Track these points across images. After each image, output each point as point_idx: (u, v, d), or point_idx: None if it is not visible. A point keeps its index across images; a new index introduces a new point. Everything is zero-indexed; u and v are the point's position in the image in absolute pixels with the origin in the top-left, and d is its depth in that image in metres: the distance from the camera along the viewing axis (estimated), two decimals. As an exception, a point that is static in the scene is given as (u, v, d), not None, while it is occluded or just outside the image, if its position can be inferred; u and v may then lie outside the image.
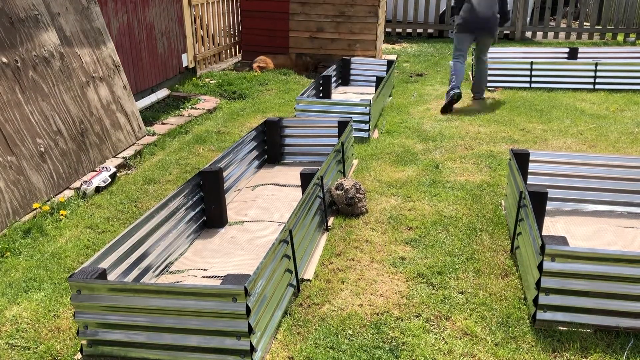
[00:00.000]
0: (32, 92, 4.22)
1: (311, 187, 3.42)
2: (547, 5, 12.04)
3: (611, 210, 3.83)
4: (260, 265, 2.45)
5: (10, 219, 3.73)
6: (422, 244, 3.48)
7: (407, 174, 4.63)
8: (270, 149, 4.93)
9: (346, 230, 3.68)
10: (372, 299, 2.92)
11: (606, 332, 2.62)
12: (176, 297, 2.35)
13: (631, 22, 11.93)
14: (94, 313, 2.45)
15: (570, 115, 6.27)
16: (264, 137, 4.90)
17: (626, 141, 5.36)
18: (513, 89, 7.62)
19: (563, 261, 2.57)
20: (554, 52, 8.90)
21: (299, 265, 3.04)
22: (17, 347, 2.61)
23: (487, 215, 3.87)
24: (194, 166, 4.88)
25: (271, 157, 4.95)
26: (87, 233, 3.71)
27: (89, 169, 4.63)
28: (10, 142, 3.90)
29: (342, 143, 4.32)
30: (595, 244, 3.38)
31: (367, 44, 8.83)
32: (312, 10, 8.83)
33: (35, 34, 4.42)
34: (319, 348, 2.55)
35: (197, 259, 3.33)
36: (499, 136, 5.61)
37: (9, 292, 3.03)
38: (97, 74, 5.14)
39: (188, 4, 7.83)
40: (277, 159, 4.95)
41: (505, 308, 2.83)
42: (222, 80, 8.02)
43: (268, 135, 4.90)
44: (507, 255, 3.34)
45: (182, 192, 3.47)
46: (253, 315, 2.36)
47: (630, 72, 7.46)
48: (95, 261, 2.61)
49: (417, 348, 2.55)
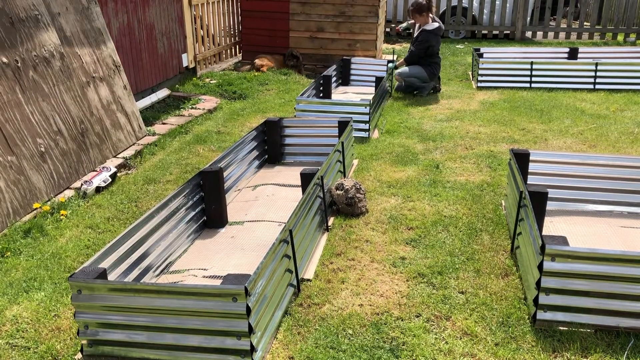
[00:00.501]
0: (32, 92, 4.22)
1: (311, 187, 3.42)
2: (547, 5, 12.04)
3: (611, 210, 3.83)
4: (260, 265, 2.45)
5: (11, 219, 3.74)
6: (423, 244, 3.48)
7: (407, 174, 4.63)
8: (271, 149, 4.93)
9: (346, 230, 3.68)
10: (373, 299, 2.92)
11: (606, 332, 2.62)
12: (177, 297, 2.35)
13: (631, 22, 11.92)
14: (94, 313, 2.45)
15: (571, 115, 6.27)
16: (264, 137, 4.90)
17: (626, 141, 5.36)
18: (513, 89, 7.62)
19: (563, 261, 2.57)
20: (554, 52, 8.91)
21: (299, 265, 3.04)
22: (18, 347, 2.61)
23: (488, 215, 3.87)
24: (194, 166, 4.88)
25: (271, 157, 4.95)
26: (88, 233, 3.71)
27: (89, 169, 4.63)
28: (11, 142, 3.90)
29: (342, 143, 4.32)
30: (595, 244, 3.38)
31: (367, 44, 8.82)
32: (313, 10, 8.83)
33: (35, 34, 4.42)
34: (319, 348, 2.55)
35: (198, 258, 3.33)
36: (499, 136, 5.61)
37: (10, 292, 3.04)
38: (97, 74, 5.14)
39: (188, 4, 7.83)
40: (278, 159, 4.95)
41: (506, 308, 2.83)
42: (223, 80, 8.02)
43: (268, 135, 4.90)
44: (507, 255, 3.34)
45: (183, 192, 3.47)
46: (253, 315, 2.36)
47: (631, 72, 7.46)
48: (95, 261, 2.61)
49: (417, 348, 2.55)
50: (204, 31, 8.64)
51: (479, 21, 12.31)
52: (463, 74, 8.81)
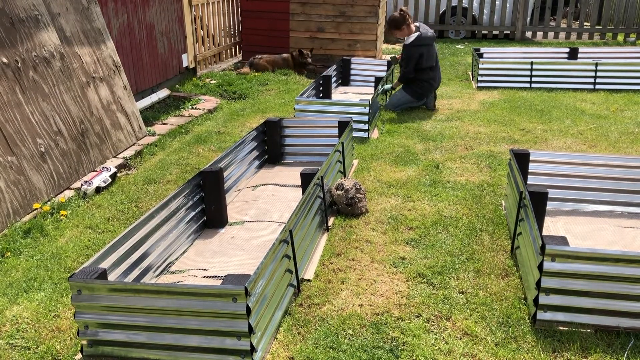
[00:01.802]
0: (32, 92, 4.22)
1: (311, 187, 3.42)
2: (547, 5, 12.04)
3: (611, 210, 3.83)
4: (260, 266, 2.45)
5: (11, 219, 3.73)
6: (423, 244, 3.48)
7: (407, 174, 4.63)
8: (271, 149, 4.93)
9: (346, 230, 3.68)
10: (373, 299, 2.92)
11: (606, 332, 2.61)
12: (177, 297, 2.35)
13: (631, 22, 11.92)
14: (94, 313, 2.45)
15: (571, 115, 6.27)
16: (264, 137, 4.90)
17: (626, 141, 5.36)
18: (513, 89, 7.62)
19: (563, 261, 2.57)
20: (554, 52, 8.91)
21: (300, 265, 3.04)
22: (18, 347, 2.61)
23: (488, 215, 3.87)
24: (194, 166, 4.88)
25: (271, 157, 4.95)
26: (88, 233, 3.71)
27: (89, 169, 4.63)
28: (11, 142, 3.90)
29: (342, 143, 4.32)
30: (595, 244, 3.38)
31: (368, 44, 8.83)
32: (313, 11, 8.83)
33: (35, 34, 4.42)
34: (319, 348, 2.55)
35: (198, 259, 3.33)
36: (499, 136, 5.61)
37: (10, 292, 3.04)
38: (97, 74, 5.14)
39: (188, 4, 7.84)
40: (278, 159, 4.95)
41: (506, 308, 2.83)
42: (223, 80, 8.02)
43: (268, 136, 4.90)
44: (507, 255, 3.34)
45: (183, 192, 3.47)
46: (253, 315, 2.36)
47: (631, 72, 7.46)
48: (95, 261, 2.61)
49: (417, 348, 2.55)
50: (204, 31, 8.65)
51: (479, 21, 12.31)
52: (463, 74, 8.81)
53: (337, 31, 8.84)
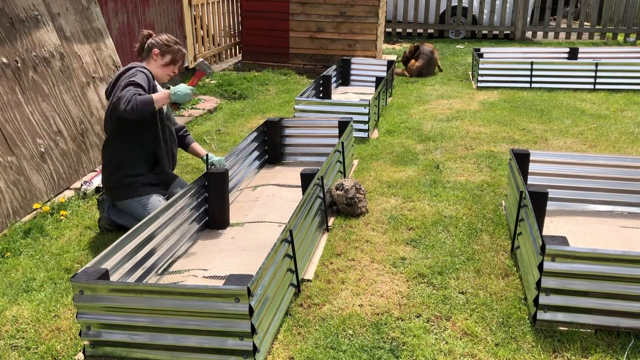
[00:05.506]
0: (32, 92, 4.23)
1: (311, 188, 3.42)
2: (547, 5, 12.05)
3: (612, 210, 3.83)
4: (262, 266, 2.45)
5: (11, 219, 3.74)
6: (423, 244, 3.49)
7: (407, 174, 4.63)
8: (271, 149, 4.93)
9: (346, 230, 3.68)
10: (373, 299, 2.92)
11: (607, 332, 2.62)
12: (178, 298, 2.35)
13: (631, 22, 11.93)
14: (96, 314, 2.45)
15: (571, 116, 6.28)
16: (264, 137, 4.90)
17: (626, 141, 5.37)
18: (513, 89, 7.62)
19: (563, 261, 2.57)
20: (554, 52, 8.90)
21: (300, 265, 3.04)
22: (18, 348, 2.62)
23: (488, 215, 3.88)
24: (194, 166, 4.88)
25: (271, 158, 4.95)
26: (88, 233, 3.71)
27: (89, 169, 4.63)
28: (11, 142, 3.90)
29: (342, 143, 4.32)
30: (595, 244, 3.38)
31: (367, 44, 8.83)
32: (313, 11, 8.83)
33: (35, 34, 4.42)
34: (319, 348, 2.55)
35: (198, 259, 3.33)
36: (499, 136, 5.61)
37: (10, 293, 3.04)
38: (97, 74, 5.14)
39: (188, 4, 7.84)
40: (278, 159, 4.95)
41: (506, 308, 2.83)
42: (222, 80, 8.02)
43: (268, 136, 4.90)
44: (507, 256, 3.34)
45: (189, 192, 3.48)
46: (256, 315, 2.36)
47: (631, 72, 7.46)
48: (98, 262, 2.61)
49: (417, 348, 2.55)
50: (204, 31, 8.64)
51: (479, 21, 12.31)
52: (463, 74, 8.81)
53: (337, 31, 8.84)
